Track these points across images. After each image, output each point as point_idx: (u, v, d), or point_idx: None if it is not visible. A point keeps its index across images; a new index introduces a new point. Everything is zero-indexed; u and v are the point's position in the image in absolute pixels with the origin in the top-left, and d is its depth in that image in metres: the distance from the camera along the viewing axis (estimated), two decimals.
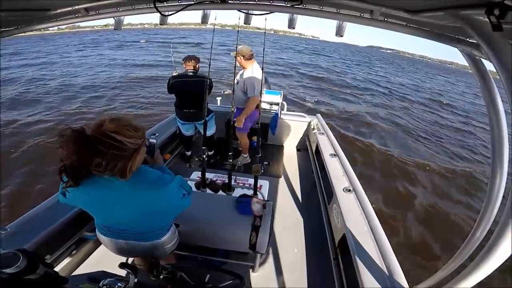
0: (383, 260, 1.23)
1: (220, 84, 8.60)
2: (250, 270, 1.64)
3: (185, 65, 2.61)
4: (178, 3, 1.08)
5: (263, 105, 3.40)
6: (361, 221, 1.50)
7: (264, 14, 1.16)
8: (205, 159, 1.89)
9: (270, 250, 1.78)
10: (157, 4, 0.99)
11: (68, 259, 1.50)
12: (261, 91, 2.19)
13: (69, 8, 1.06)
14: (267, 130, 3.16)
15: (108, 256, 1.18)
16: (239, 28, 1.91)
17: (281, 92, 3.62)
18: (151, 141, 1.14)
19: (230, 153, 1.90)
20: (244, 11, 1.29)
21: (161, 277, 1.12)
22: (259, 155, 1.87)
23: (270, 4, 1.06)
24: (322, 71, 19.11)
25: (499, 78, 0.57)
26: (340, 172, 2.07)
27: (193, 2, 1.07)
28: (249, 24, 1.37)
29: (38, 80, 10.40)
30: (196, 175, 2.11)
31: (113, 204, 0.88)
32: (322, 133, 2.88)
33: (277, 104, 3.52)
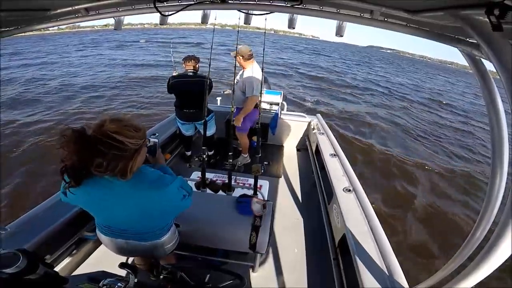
0: (383, 260, 1.23)
1: (220, 84, 8.59)
2: (250, 270, 1.64)
3: (185, 65, 2.61)
4: (178, 3, 1.08)
5: (263, 105, 3.40)
6: (361, 221, 1.50)
7: (264, 14, 1.16)
8: (205, 159, 1.89)
9: (270, 250, 1.78)
10: (157, 4, 0.99)
11: (68, 259, 1.50)
12: (261, 91, 2.18)
13: (69, 8, 1.06)
14: (267, 130, 3.16)
15: (108, 256, 1.18)
16: (239, 28, 1.91)
17: (281, 92, 3.61)
18: (153, 141, 1.13)
19: (230, 153, 1.90)
20: (244, 11, 1.29)
21: (161, 277, 1.12)
22: (259, 155, 1.86)
23: (270, 4, 1.06)
24: (322, 71, 19.11)
25: (499, 78, 0.57)
26: (340, 172, 2.07)
27: (193, 2, 1.07)
28: (249, 24, 1.37)
29: (38, 80, 10.39)
30: (196, 175, 2.11)
31: (113, 204, 0.88)
32: (322, 133, 2.88)
33: (277, 104, 3.52)
